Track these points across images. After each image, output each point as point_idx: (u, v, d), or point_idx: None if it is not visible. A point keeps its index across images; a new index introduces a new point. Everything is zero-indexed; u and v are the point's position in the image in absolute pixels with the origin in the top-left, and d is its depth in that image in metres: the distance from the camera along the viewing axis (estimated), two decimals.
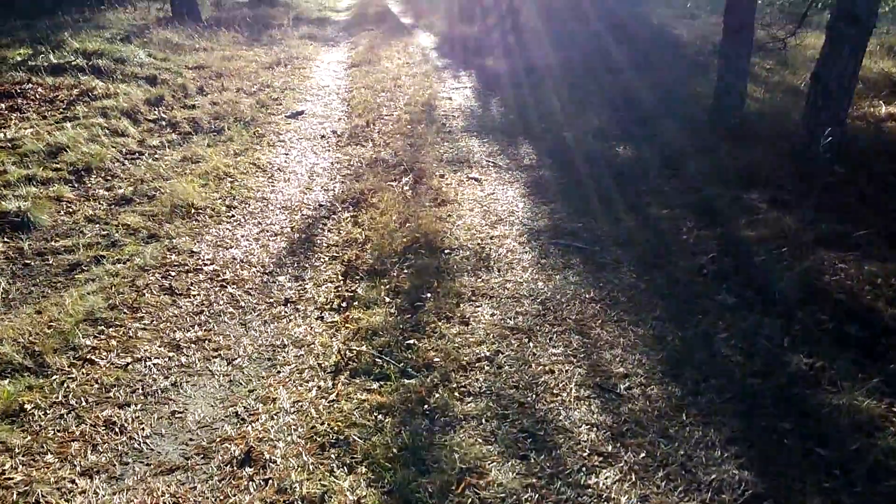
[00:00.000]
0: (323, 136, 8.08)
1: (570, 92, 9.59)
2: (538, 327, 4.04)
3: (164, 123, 7.87)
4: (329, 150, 7.61)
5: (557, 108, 8.93)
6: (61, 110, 7.51)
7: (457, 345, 3.84)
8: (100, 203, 5.71)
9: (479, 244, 5.18)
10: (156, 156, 6.93)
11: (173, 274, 4.70)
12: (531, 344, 3.86)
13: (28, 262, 4.77)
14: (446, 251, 5.03)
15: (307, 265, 4.99)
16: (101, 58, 9.35)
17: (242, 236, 5.40)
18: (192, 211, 5.66)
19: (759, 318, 3.97)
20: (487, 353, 3.76)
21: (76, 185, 5.98)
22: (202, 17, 14.77)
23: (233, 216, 5.74)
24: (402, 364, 3.67)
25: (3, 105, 7.38)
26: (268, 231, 5.52)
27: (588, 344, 3.86)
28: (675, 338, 3.86)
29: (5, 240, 4.95)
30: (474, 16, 17.27)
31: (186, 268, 4.79)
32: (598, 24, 14.09)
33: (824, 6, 7.80)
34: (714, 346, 3.77)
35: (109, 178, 6.21)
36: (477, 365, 3.67)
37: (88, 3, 14.85)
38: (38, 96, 7.81)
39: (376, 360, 3.73)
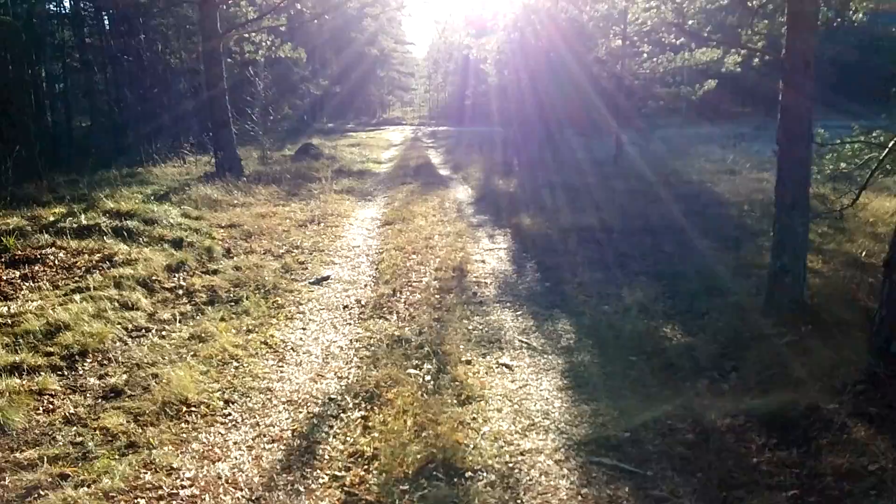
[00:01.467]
0: (346, 307, 7.57)
1: (609, 257, 9.07)
2: None
3: (180, 292, 7.51)
4: (350, 324, 7.06)
5: (597, 275, 8.37)
6: (76, 279, 7.24)
7: None
8: (85, 397, 5.14)
9: (506, 463, 4.39)
10: (163, 332, 6.47)
11: (141, 503, 3.98)
12: None
13: None
14: (467, 474, 4.24)
15: (301, 488, 4.22)
16: (132, 218, 9.30)
17: (234, 443, 4.70)
18: (184, 409, 5.03)
19: None
20: None
21: (65, 373, 5.48)
22: (244, 171, 15.14)
23: (229, 414, 5.09)
24: None
25: (17, 273, 7.17)
26: (265, 435, 4.82)
27: None
28: None
29: None
30: (512, 170, 17.41)
31: (159, 493, 4.06)
32: (639, 182, 13.88)
33: (886, 173, 7.21)
34: None
35: (105, 362, 5.71)
36: None
37: (138, 159, 15.46)
38: (57, 262, 7.61)
39: None
